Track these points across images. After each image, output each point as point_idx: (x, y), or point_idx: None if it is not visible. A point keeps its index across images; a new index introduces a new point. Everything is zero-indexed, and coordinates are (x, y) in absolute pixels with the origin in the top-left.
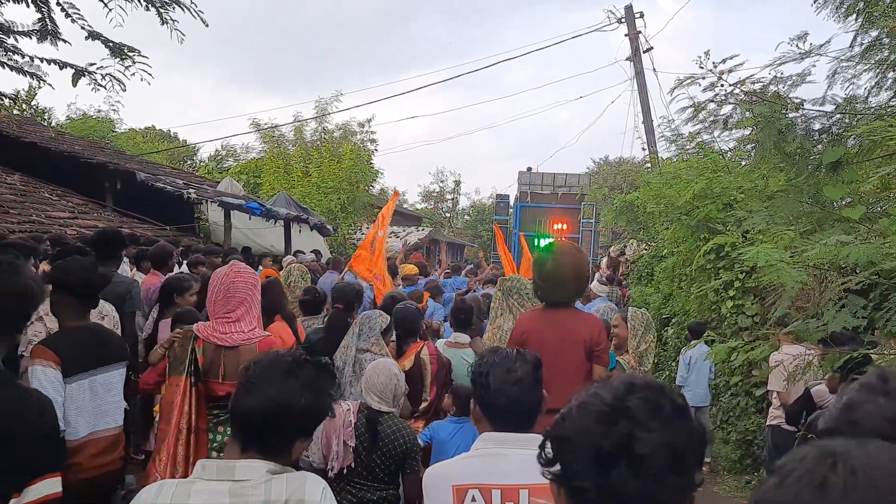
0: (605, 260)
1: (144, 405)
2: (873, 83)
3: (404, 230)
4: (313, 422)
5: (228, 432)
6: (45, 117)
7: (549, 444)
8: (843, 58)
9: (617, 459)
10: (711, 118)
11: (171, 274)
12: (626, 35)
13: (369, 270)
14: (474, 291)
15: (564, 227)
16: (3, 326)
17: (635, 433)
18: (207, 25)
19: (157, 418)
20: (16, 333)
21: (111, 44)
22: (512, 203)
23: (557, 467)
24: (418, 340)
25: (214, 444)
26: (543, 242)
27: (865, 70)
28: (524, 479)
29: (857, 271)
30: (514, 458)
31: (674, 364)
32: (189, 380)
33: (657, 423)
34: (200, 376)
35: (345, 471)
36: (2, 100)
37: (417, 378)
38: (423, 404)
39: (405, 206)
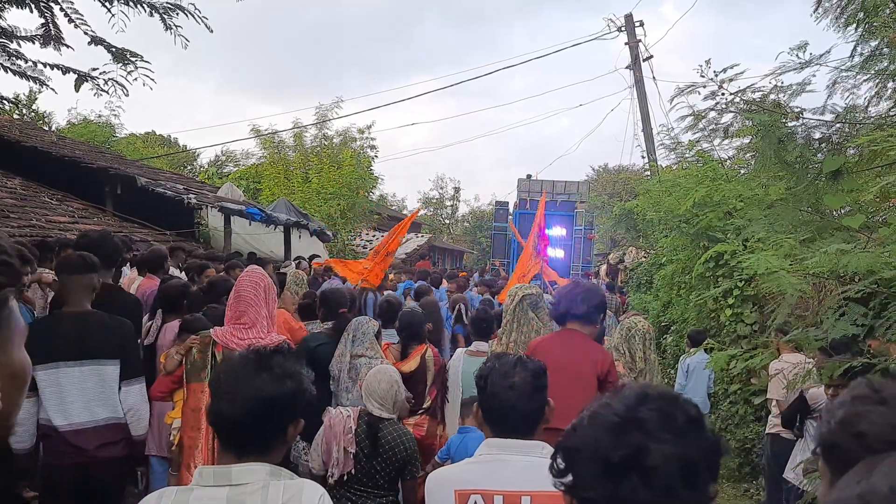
0: (603, 267)
1: None
2: (873, 93)
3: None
4: (300, 405)
5: None
6: (46, 121)
7: (560, 455)
8: (843, 67)
9: (627, 471)
10: (711, 127)
11: (171, 279)
12: (626, 44)
13: (360, 274)
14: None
15: (563, 232)
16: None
17: (646, 444)
18: (212, 31)
19: (171, 424)
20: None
21: (114, 49)
22: (511, 210)
23: (569, 478)
24: (422, 343)
25: None
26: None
27: (865, 80)
28: (526, 486)
29: (857, 280)
30: (517, 464)
31: (673, 372)
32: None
33: (670, 434)
34: None
35: (345, 477)
36: (3, 104)
37: (422, 379)
38: (426, 402)
39: (404, 212)
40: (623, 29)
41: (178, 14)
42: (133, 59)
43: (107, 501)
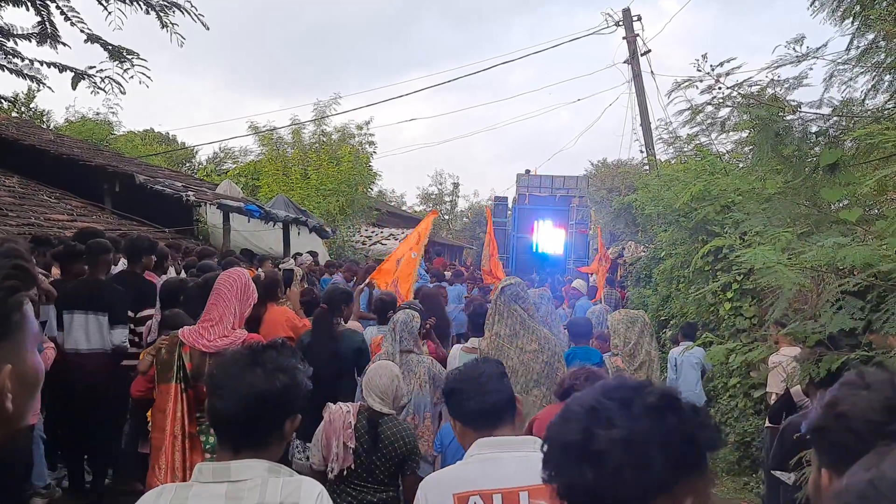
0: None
1: (138, 409)
2: (870, 86)
3: (402, 232)
4: (295, 400)
5: None
6: (44, 120)
7: (542, 447)
8: (839, 61)
9: (579, 456)
10: (709, 121)
11: (170, 276)
12: (623, 38)
13: (387, 284)
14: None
15: (561, 228)
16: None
17: (592, 429)
18: (208, 28)
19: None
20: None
21: (110, 47)
22: (510, 205)
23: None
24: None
25: (207, 447)
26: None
27: (862, 73)
28: (523, 482)
29: (854, 273)
30: (511, 460)
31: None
32: (179, 386)
33: (622, 420)
34: (190, 382)
35: (344, 472)
36: (1, 103)
37: None
38: None
39: (404, 208)
40: (621, 23)
41: (174, 11)
42: (129, 56)
43: (97, 396)
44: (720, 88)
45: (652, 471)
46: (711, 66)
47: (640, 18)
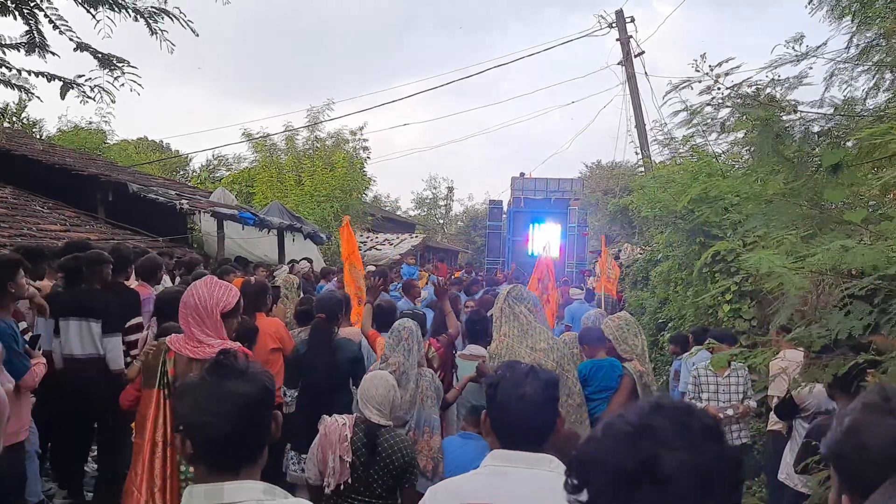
0: (598, 264)
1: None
2: (871, 84)
3: (397, 237)
4: (273, 399)
5: None
6: (36, 129)
7: (574, 469)
8: (839, 59)
9: (640, 480)
10: (706, 122)
11: (167, 287)
12: (617, 40)
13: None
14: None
15: (557, 230)
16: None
17: (659, 452)
18: (198, 35)
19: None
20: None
21: (99, 55)
22: (505, 209)
23: (584, 495)
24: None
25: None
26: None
27: (863, 72)
28: (528, 500)
29: (859, 276)
30: (521, 477)
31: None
32: (162, 392)
33: (684, 442)
34: (172, 389)
35: (342, 487)
36: None
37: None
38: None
39: (398, 212)
40: (614, 25)
41: (162, 18)
42: (119, 64)
43: (89, 399)
44: (719, 89)
45: (716, 498)
46: (710, 66)
47: (633, 20)
